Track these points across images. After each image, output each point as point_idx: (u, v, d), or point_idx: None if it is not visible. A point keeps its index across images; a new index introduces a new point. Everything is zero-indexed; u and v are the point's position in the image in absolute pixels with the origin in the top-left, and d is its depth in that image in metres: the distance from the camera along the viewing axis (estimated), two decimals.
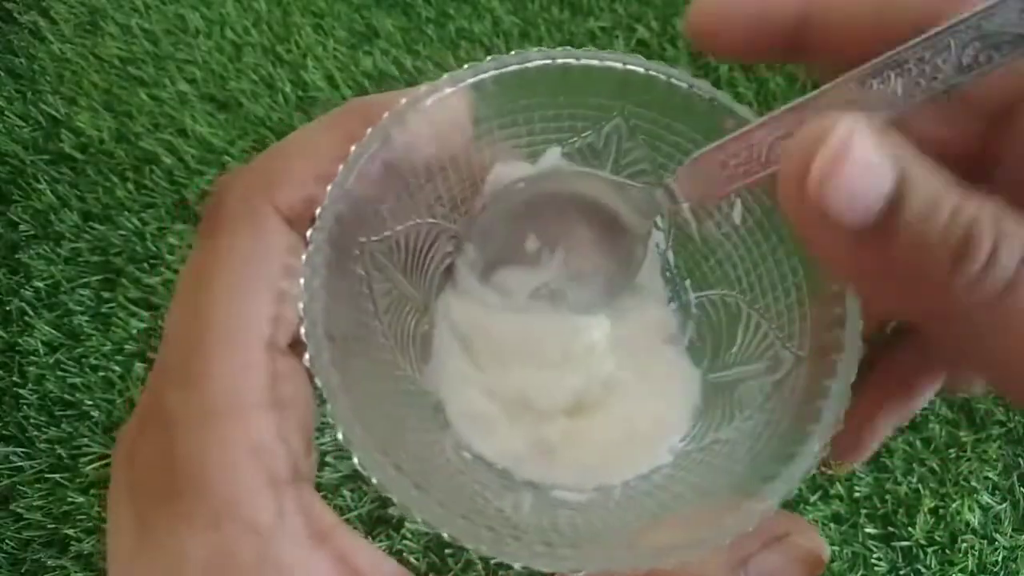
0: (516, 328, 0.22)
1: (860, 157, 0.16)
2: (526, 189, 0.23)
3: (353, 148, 0.20)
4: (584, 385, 0.22)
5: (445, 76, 0.20)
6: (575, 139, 0.23)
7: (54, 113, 0.56)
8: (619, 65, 0.21)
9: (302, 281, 0.19)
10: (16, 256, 0.52)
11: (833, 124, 0.16)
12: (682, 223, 0.22)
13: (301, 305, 0.19)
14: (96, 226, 0.52)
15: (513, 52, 0.21)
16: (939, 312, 0.16)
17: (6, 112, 0.57)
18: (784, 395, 0.20)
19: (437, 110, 0.20)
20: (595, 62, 0.21)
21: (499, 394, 0.22)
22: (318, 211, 0.20)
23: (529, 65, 0.20)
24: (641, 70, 0.21)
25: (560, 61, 0.20)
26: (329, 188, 0.20)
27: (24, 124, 0.56)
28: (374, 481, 0.18)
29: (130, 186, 0.53)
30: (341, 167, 0.20)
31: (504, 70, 0.20)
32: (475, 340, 0.23)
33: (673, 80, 0.21)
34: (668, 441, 0.22)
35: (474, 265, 0.23)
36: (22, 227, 0.52)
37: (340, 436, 0.18)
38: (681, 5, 0.59)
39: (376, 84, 0.56)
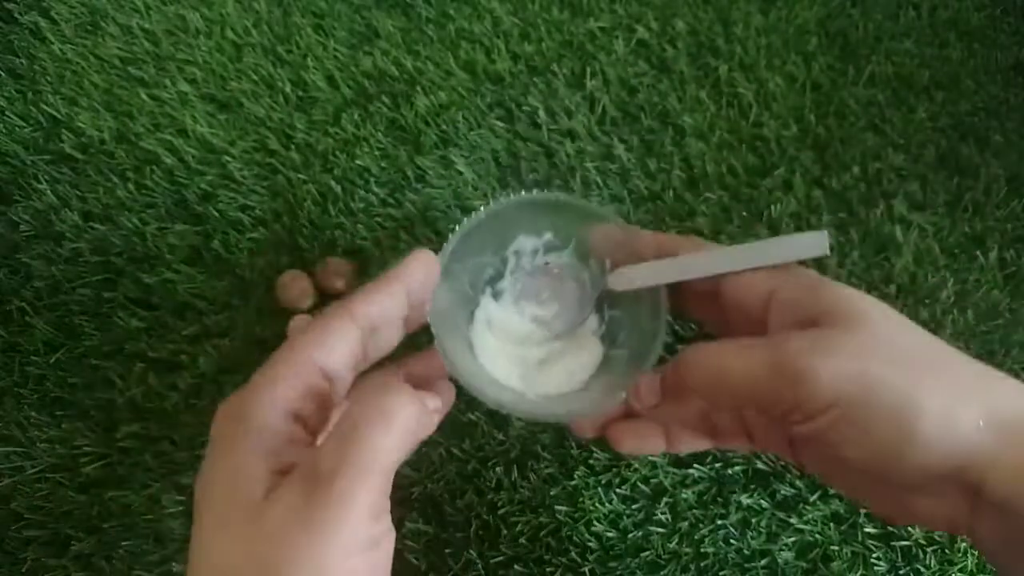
0: (517, 330, 0.45)
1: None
2: (551, 265, 0.45)
3: (456, 227, 0.41)
4: (547, 353, 0.44)
5: (482, 208, 0.41)
6: (553, 233, 0.44)
7: (55, 113, 0.56)
8: (575, 202, 0.43)
9: (434, 289, 0.38)
10: (17, 256, 0.52)
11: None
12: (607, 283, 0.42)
13: (428, 307, 0.37)
14: (96, 226, 0.52)
15: (513, 196, 0.42)
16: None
17: (7, 112, 0.57)
18: (632, 364, 0.40)
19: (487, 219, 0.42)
20: (564, 198, 0.43)
21: (503, 350, 0.43)
22: (440, 252, 0.39)
23: (523, 199, 0.42)
24: (581, 204, 0.43)
25: (541, 199, 0.42)
26: (445, 245, 0.40)
27: (25, 124, 0.56)
28: (460, 375, 0.37)
29: (130, 186, 0.53)
30: (452, 234, 0.40)
31: (511, 199, 0.42)
32: (495, 325, 0.44)
33: (593, 210, 0.43)
34: (581, 377, 0.43)
35: (511, 292, 0.45)
36: (23, 227, 0.53)
37: (445, 361, 0.37)
38: (681, 6, 0.60)
39: (376, 84, 0.56)
